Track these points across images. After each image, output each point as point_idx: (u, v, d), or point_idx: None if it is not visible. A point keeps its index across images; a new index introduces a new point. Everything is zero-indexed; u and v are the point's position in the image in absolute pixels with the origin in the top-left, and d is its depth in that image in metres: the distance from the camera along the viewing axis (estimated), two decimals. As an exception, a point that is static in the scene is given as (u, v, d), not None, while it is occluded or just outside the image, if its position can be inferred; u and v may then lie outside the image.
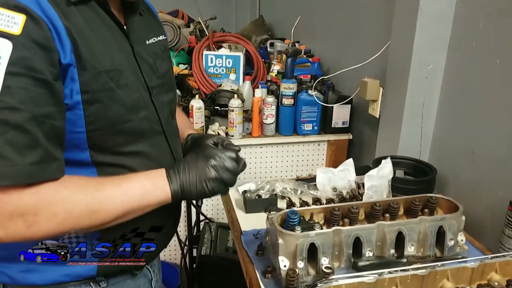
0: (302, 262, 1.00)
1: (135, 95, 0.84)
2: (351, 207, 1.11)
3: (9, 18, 0.65)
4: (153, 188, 0.80)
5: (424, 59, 1.44)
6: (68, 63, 0.71)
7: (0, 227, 0.67)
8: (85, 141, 0.78)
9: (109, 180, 0.78)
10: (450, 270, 0.88)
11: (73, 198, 0.72)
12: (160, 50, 0.98)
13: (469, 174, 1.36)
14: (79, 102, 0.74)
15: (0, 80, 0.63)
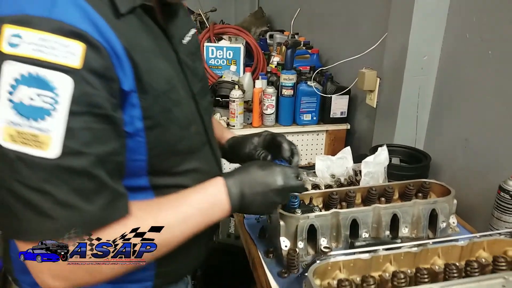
0: (302, 242, 1.06)
1: (186, 110, 0.79)
2: (348, 192, 1.17)
3: (67, 48, 0.56)
4: (211, 208, 0.77)
5: (420, 50, 1.49)
6: (130, 89, 0.64)
7: (64, 280, 0.64)
8: (145, 167, 0.73)
9: (167, 205, 0.73)
10: (441, 248, 0.94)
11: None
12: (194, 47, 0.90)
13: (462, 161, 1.42)
14: (141, 129, 0.68)
15: (62, 122, 0.56)
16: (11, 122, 0.54)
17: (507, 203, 1.11)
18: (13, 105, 0.54)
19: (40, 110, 0.55)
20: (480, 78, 1.33)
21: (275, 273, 1.05)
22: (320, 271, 0.87)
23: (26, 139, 0.55)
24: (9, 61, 0.54)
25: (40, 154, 0.55)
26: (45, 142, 0.55)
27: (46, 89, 0.55)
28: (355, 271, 0.89)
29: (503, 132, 1.25)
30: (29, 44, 0.54)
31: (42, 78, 0.55)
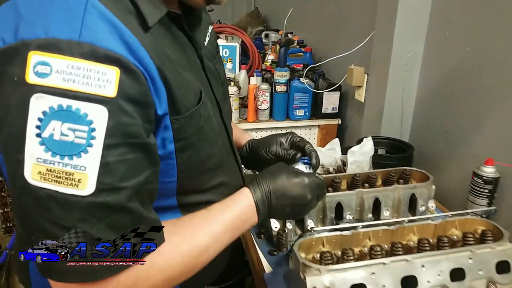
0: (290, 224, 1.15)
1: (214, 123, 0.75)
2: (334, 178, 1.26)
3: (100, 75, 0.50)
4: (242, 225, 0.74)
5: (404, 47, 1.59)
6: (164, 113, 0.60)
7: None
8: (175, 189, 0.71)
9: (199, 226, 0.68)
10: (416, 226, 1.03)
11: (169, 265, 0.64)
12: (214, 47, 0.87)
13: (443, 151, 1.51)
14: (172, 152, 0.65)
15: (98, 157, 0.51)
16: (41, 160, 0.49)
17: (480, 187, 1.20)
18: (42, 141, 0.49)
19: (74, 146, 0.50)
20: (458, 73, 1.43)
21: (265, 252, 1.14)
22: (305, 246, 0.96)
23: (58, 177, 0.50)
24: (37, 93, 0.48)
25: (75, 192, 0.51)
26: (80, 180, 0.51)
27: (79, 123, 0.50)
28: (337, 246, 0.98)
29: (478, 123, 1.34)
30: (59, 73, 0.48)
31: (74, 111, 0.49)
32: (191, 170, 0.71)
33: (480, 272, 0.92)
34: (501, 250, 0.95)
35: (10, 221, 2.82)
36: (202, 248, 0.67)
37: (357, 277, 0.87)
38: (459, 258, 0.92)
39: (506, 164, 1.20)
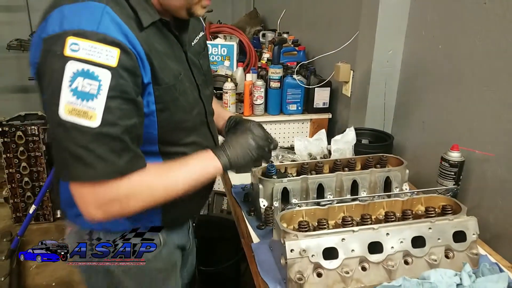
0: (277, 202, 1.29)
1: (190, 98, 1.04)
2: (317, 163, 1.40)
3: (108, 53, 0.80)
4: (206, 167, 1.01)
5: (385, 45, 1.72)
6: (148, 82, 0.89)
7: (102, 211, 0.86)
8: (156, 138, 0.99)
9: (173, 166, 0.97)
10: (385, 202, 1.17)
11: (153, 183, 0.92)
12: (201, 47, 1.14)
13: (420, 140, 1.65)
14: (153, 111, 0.93)
15: (103, 103, 0.80)
16: (70, 102, 0.79)
17: (446, 170, 1.34)
18: (71, 90, 0.78)
19: (89, 94, 0.79)
20: (432, 69, 1.56)
21: (254, 227, 1.28)
22: (287, 217, 1.10)
23: (79, 114, 0.79)
24: (70, 61, 0.78)
25: (88, 124, 0.79)
26: (92, 116, 0.79)
27: (93, 80, 0.79)
28: (315, 218, 1.12)
29: (450, 114, 1.48)
30: (84, 49, 0.79)
31: (91, 73, 0.79)
32: (168, 127, 0.98)
33: (439, 240, 1.06)
34: (458, 222, 1.08)
35: (20, 211, 2.97)
36: (175, 177, 0.96)
37: (330, 242, 1.00)
38: (420, 228, 1.06)
39: (469, 149, 1.34)
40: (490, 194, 1.32)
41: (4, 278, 2.32)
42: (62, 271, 2.52)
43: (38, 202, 2.54)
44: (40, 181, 2.94)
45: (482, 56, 1.33)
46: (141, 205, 0.91)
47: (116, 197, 0.87)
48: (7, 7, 4.29)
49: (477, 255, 1.08)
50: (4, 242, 2.66)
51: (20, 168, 2.86)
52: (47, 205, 3.01)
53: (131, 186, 0.88)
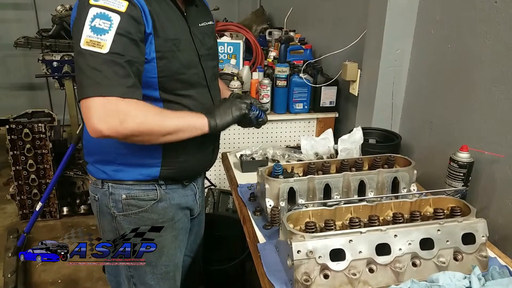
0: (283, 202, 1.28)
1: (189, 57, 1.24)
2: (324, 163, 1.39)
3: (119, 2, 1.05)
4: (196, 120, 1.18)
5: (393, 44, 1.71)
6: (150, 32, 1.11)
7: (104, 122, 1.03)
8: (157, 84, 1.18)
9: (170, 111, 1.17)
10: (393, 203, 1.16)
11: (149, 111, 1.11)
12: (208, 31, 1.36)
13: (428, 140, 1.63)
14: (154, 58, 1.14)
15: (112, 36, 1.03)
16: (88, 35, 1.03)
17: (455, 171, 1.32)
18: (90, 27, 1.03)
19: (103, 30, 1.03)
20: (441, 68, 1.55)
21: (260, 226, 1.27)
22: (293, 218, 1.10)
23: (94, 44, 1.03)
24: (92, 7, 1.04)
25: (100, 51, 1.03)
26: (103, 46, 1.03)
27: (107, 20, 1.04)
28: (322, 219, 1.11)
29: (458, 114, 1.46)
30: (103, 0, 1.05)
31: (106, 15, 1.04)
32: (165, 73, 1.17)
33: (448, 242, 1.05)
34: (467, 224, 1.07)
35: (26, 208, 2.98)
36: (168, 116, 1.14)
37: (337, 243, 1.00)
38: (428, 229, 1.05)
39: (479, 150, 1.32)
40: (499, 195, 1.30)
41: (10, 275, 2.33)
42: (67, 268, 2.53)
43: (44, 199, 2.55)
44: (47, 178, 2.95)
45: (491, 55, 1.31)
46: (135, 126, 1.07)
47: (116, 112, 1.04)
48: (15, 5, 4.31)
49: (486, 258, 1.06)
50: (10, 239, 2.67)
51: (27, 165, 2.87)
52: (53, 202, 3.02)
53: (129, 105, 1.06)
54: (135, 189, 1.26)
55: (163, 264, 1.36)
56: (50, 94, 4.48)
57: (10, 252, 2.52)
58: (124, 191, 1.26)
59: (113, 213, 1.28)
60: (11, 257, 2.48)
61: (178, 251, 1.41)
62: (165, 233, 1.33)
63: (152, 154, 1.23)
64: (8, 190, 3.07)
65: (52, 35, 3.30)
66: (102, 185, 1.28)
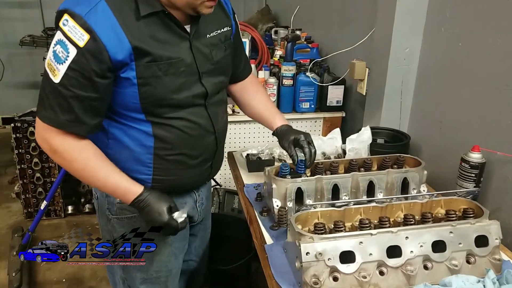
0: (290, 202, 1.26)
1: (181, 81, 1.13)
2: (332, 162, 1.37)
3: (81, 35, 1.00)
4: (122, 195, 1.15)
5: (402, 43, 1.68)
6: (123, 61, 1.04)
7: (41, 142, 1.10)
8: (140, 108, 1.12)
9: (107, 168, 1.13)
10: (404, 204, 1.14)
11: (78, 160, 1.11)
12: (220, 41, 1.23)
13: (437, 140, 1.60)
14: (135, 84, 1.07)
15: (65, 69, 1.01)
16: (50, 58, 1.03)
17: (466, 171, 1.30)
18: (53, 51, 1.03)
19: (60, 58, 1.02)
20: (451, 67, 1.52)
21: (267, 227, 1.25)
22: (302, 219, 1.07)
23: (51, 70, 1.03)
24: (59, 31, 1.02)
25: (52, 78, 1.03)
26: (56, 75, 1.02)
27: (65, 50, 1.01)
28: (331, 220, 1.09)
29: (470, 114, 1.44)
30: (69, 26, 1.00)
31: (65, 45, 1.01)
32: (149, 100, 1.10)
33: (460, 245, 1.02)
34: (480, 226, 1.05)
35: (31, 206, 2.98)
36: (97, 174, 1.13)
37: (347, 245, 0.97)
38: (440, 232, 1.03)
39: (491, 151, 1.29)
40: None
41: (15, 274, 2.33)
42: (72, 267, 2.51)
43: (49, 198, 2.54)
44: (52, 177, 2.94)
45: (503, 54, 1.28)
46: (61, 164, 1.13)
47: (49, 143, 1.09)
48: (21, 3, 4.31)
49: (499, 261, 1.04)
50: (15, 238, 2.66)
51: (32, 163, 2.86)
52: (58, 201, 3.01)
53: (62, 145, 1.08)
54: None
55: (154, 270, 1.31)
56: (56, 92, 4.46)
57: (15, 250, 2.51)
58: None
59: (108, 215, 1.27)
60: (15, 256, 2.48)
61: (172, 258, 1.34)
62: (157, 239, 1.26)
63: (142, 170, 1.19)
64: (13, 188, 3.07)
65: (57, 33, 3.29)
66: None
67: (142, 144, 1.16)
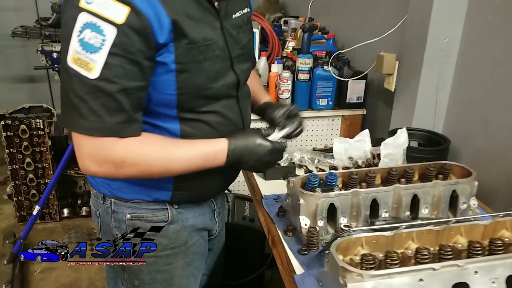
0: (322, 221, 1.06)
1: (217, 66, 0.98)
2: (368, 172, 1.16)
3: (117, 9, 0.79)
4: (212, 159, 0.98)
5: (441, 32, 1.47)
6: (166, 42, 0.86)
7: (98, 166, 0.88)
8: (175, 102, 0.95)
9: (181, 144, 0.96)
10: (464, 226, 0.94)
11: (151, 155, 0.92)
12: (243, 22, 1.08)
13: (482, 144, 1.40)
14: (173, 70, 0.90)
15: (104, 58, 0.81)
16: (76, 51, 0.81)
17: (530, 184, 1.10)
18: (79, 41, 0.80)
19: (93, 47, 0.80)
20: (502, 60, 1.31)
21: (295, 251, 1.06)
22: (343, 247, 0.87)
23: (81, 64, 0.81)
24: (83, 12, 0.80)
25: (87, 75, 0.81)
26: (92, 68, 0.81)
27: (99, 34, 0.80)
28: (377, 248, 0.89)
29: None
30: (96, 3, 0.79)
31: (97, 26, 0.80)
32: (188, 90, 0.94)
33: (539, 279, 0.83)
34: (563, 256, 0.85)
35: (24, 209, 2.78)
36: (177, 156, 0.94)
37: (403, 283, 0.78)
38: (515, 264, 0.83)
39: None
40: None
41: (5, 286, 2.14)
42: (67, 277, 2.33)
43: (42, 202, 2.34)
44: (46, 178, 2.74)
45: None
46: (135, 173, 0.93)
47: (111, 159, 0.88)
48: (13, -8, 4.09)
49: None
50: (6, 244, 2.47)
51: (24, 164, 2.67)
52: (53, 203, 2.81)
53: (128, 152, 0.89)
54: (142, 208, 1.07)
55: None
56: (51, 87, 4.27)
57: (6, 259, 2.31)
58: (129, 210, 1.07)
59: (115, 235, 1.09)
60: (6, 265, 2.28)
61: (192, 280, 1.20)
62: (175, 260, 1.13)
63: (164, 179, 1.03)
64: (5, 189, 2.87)
65: (51, 24, 3.09)
66: (104, 200, 1.09)
67: None
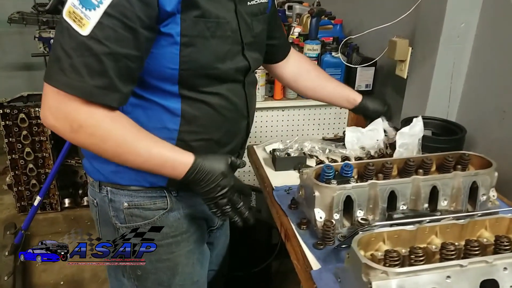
0: (338, 214, 1.02)
1: (227, 47, 0.95)
2: (385, 163, 1.12)
3: None
4: (170, 168, 0.91)
5: (457, 17, 1.42)
6: (172, 11, 0.83)
7: (54, 119, 0.84)
8: (176, 77, 0.91)
9: (147, 139, 0.90)
10: (489, 220, 0.90)
11: (110, 133, 0.86)
12: (259, 11, 1.06)
13: (499, 133, 1.36)
14: (177, 43, 0.86)
15: (98, 16, 0.78)
16: (73, 4, 0.79)
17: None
18: None
19: (90, 3, 0.78)
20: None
21: (310, 245, 1.01)
22: (364, 242, 0.83)
23: (75, 18, 0.79)
24: None
25: (78, 30, 0.79)
26: (84, 25, 0.78)
27: None
28: (399, 243, 0.85)
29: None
30: None
31: None
32: (190, 66, 0.90)
33: None
34: None
35: (24, 199, 2.74)
36: (137, 148, 0.88)
37: (430, 281, 0.74)
38: (546, 260, 0.79)
39: None
40: None
41: (7, 277, 2.10)
42: (70, 268, 2.30)
43: (43, 193, 2.30)
44: (46, 168, 2.69)
45: None
46: (87, 143, 0.88)
47: (70, 118, 0.83)
48: (9, -24, 3.99)
49: None
50: (7, 236, 2.43)
51: (23, 153, 2.62)
52: (54, 193, 2.77)
53: (90, 119, 0.84)
54: (140, 196, 1.03)
55: (178, 284, 1.13)
56: (49, 74, 4.20)
57: (7, 250, 2.28)
58: (126, 198, 1.03)
59: (115, 224, 1.07)
60: (8, 257, 2.25)
61: (198, 267, 1.17)
62: (178, 248, 1.11)
63: None
64: (4, 179, 2.82)
65: (49, 10, 2.97)
66: (100, 188, 1.05)
67: (165, 127, 0.96)
